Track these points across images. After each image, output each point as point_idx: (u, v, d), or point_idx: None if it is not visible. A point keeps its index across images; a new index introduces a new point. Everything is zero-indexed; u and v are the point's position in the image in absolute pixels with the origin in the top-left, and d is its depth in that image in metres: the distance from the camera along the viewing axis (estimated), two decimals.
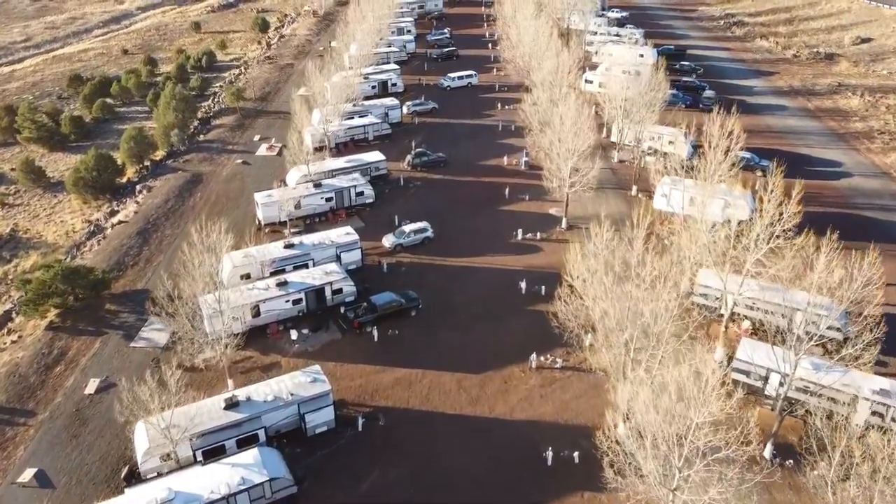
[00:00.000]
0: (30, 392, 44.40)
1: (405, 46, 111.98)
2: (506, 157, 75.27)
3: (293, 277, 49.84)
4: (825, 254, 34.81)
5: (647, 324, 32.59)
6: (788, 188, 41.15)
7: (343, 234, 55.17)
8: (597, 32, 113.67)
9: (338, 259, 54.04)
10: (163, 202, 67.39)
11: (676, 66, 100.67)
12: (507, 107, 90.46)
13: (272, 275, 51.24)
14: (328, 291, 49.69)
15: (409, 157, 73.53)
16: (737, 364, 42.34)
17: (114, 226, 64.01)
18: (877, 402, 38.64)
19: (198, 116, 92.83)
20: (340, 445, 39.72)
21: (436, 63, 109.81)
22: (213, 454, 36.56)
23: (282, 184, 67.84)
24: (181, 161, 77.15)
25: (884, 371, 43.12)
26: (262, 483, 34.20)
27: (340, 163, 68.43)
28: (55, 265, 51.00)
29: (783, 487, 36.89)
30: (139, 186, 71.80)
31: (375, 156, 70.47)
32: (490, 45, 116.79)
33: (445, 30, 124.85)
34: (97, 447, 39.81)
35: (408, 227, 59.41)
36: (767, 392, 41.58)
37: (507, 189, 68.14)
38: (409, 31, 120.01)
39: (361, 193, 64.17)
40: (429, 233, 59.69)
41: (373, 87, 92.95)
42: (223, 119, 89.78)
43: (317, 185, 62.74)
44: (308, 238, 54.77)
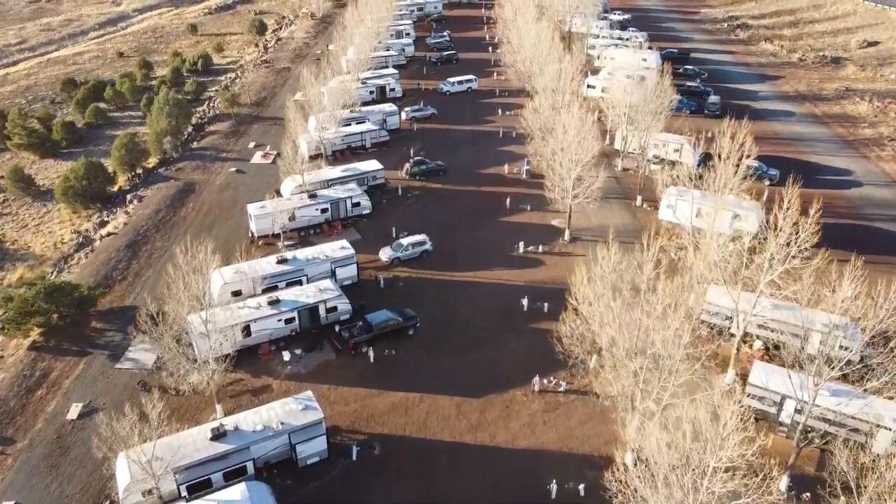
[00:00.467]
0: (9, 417, 42.43)
1: (404, 50, 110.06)
2: (506, 166, 73.33)
3: (286, 295, 47.88)
4: (849, 280, 32.81)
5: (658, 353, 30.63)
6: (802, 202, 39.07)
7: (338, 249, 53.20)
8: (599, 35, 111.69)
9: (333, 275, 52.08)
10: (153, 213, 65.42)
11: (680, 71, 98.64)
12: (508, 112, 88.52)
13: (264, 291, 49.28)
14: (322, 310, 47.72)
15: (408, 166, 71.58)
16: (750, 389, 40.36)
17: (102, 238, 62.04)
18: None
19: (192, 122, 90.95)
20: (333, 477, 37.74)
21: (435, 67, 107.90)
22: (199, 489, 34.60)
23: (276, 194, 65.89)
24: (174, 169, 75.19)
25: None
26: None
27: (336, 172, 66.48)
28: (38, 283, 49.02)
29: None
30: (130, 196, 69.82)
31: (373, 164, 68.51)
32: (490, 49, 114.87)
33: (445, 33, 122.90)
34: (78, 478, 37.84)
35: (405, 240, 57.45)
36: (782, 419, 39.62)
37: (508, 199, 66.17)
38: (408, 35, 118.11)
39: (358, 204, 62.21)
40: (427, 246, 57.74)
41: (370, 93, 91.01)
42: (218, 125, 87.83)
43: (312, 196, 60.77)
44: (302, 253, 52.79)
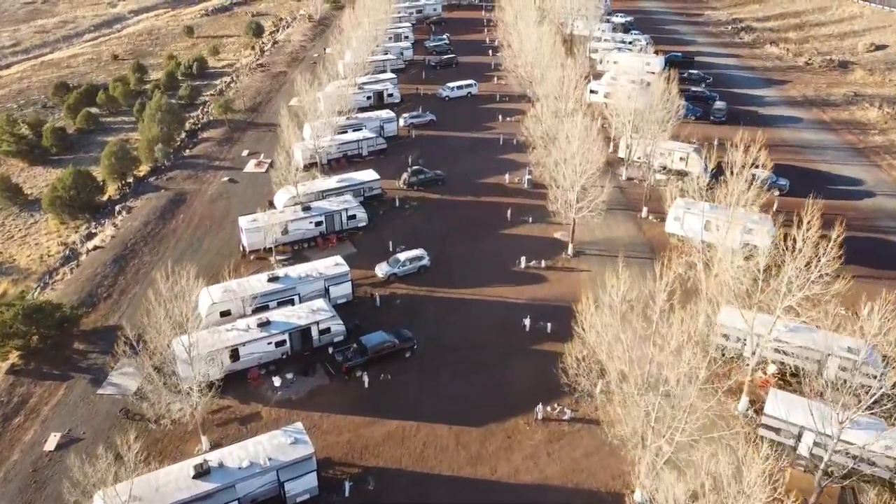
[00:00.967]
0: None
1: (402, 53, 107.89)
2: (507, 175, 71.13)
3: (276, 316, 45.67)
4: (878, 314, 30.62)
5: (672, 392, 28.48)
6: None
7: (332, 265, 50.99)
8: (601, 39, 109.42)
9: (326, 293, 49.91)
10: (142, 225, 63.22)
11: (684, 75, 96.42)
12: (509, 118, 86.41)
13: (254, 311, 47.12)
14: (315, 331, 45.54)
15: (406, 176, 69.39)
16: (765, 420, 38.21)
17: (89, 251, 59.86)
18: None
19: (185, 128, 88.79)
20: None
21: (434, 71, 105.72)
22: None
23: (269, 205, 63.71)
24: (165, 178, 72.98)
25: None
26: None
27: (332, 183, 64.28)
28: (17, 303, 46.82)
29: None
30: (118, 207, 67.61)
31: (369, 174, 66.32)
32: (490, 52, 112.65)
33: (444, 35, 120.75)
34: None
35: (402, 255, 55.26)
36: (800, 451, 37.47)
37: (510, 210, 63.98)
38: (407, 38, 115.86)
39: (354, 217, 60.03)
40: (425, 261, 55.56)
41: (368, 98, 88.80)
42: (211, 132, 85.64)
43: (305, 209, 58.57)
44: (294, 270, 50.60)
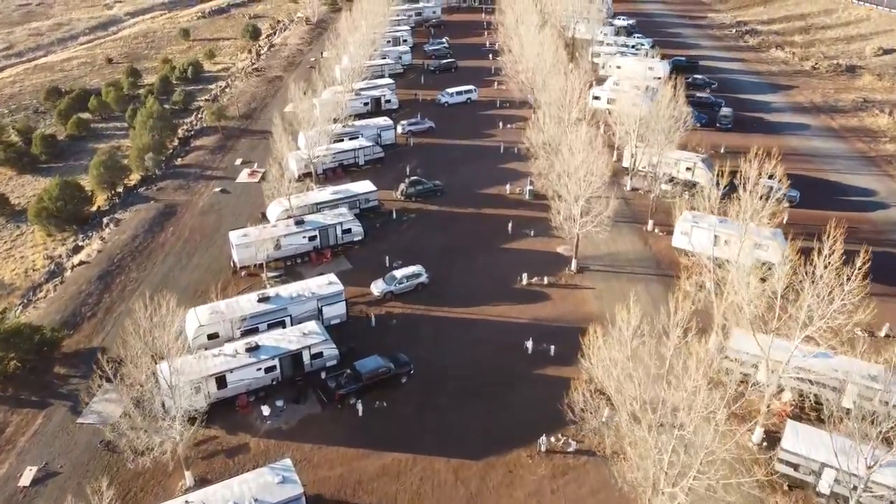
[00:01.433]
0: None
1: (401, 58, 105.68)
2: (508, 185, 68.92)
3: (266, 340, 43.47)
4: None
5: (688, 436, 26.31)
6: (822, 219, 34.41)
7: (325, 284, 48.77)
8: (604, 42, 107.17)
9: (319, 313, 47.73)
10: (130, 239, 61.02)
11: (689, 80, 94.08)
12: (510, 125, 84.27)
13: (243, 334, 44.94)
14: (306, 356, 43.35)
15: (403, 186, 67.19)
16: (783, 455, 36.03)
17: (74, 267, 57.67)
18: None
19: (178, 135, 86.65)
20: None
21: (433, 76, 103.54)
22: None
23: (262, 218, 61.55)
24: (155, 189, 70.78)
25: None
26: None
27: (326, 195, 62.08)
28: None
29: None
30: (106, 219, 65.39)
31: (365, 186, 64.12)
32: (491, 56, 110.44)
33: (443, 39, 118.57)
34: None
35: (399, 273, 53.05)
36: (821, 489, 35.30)
37: (511, 223, 61.76)
38: (406, 41, 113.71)
39: (349, 231, 57.83)
40: (423, 278, 53.38)
41: (365, 104, 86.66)
42: (204, 139, 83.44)
43: (298, 223, 56.38)
44: (285, 290, 48.38)
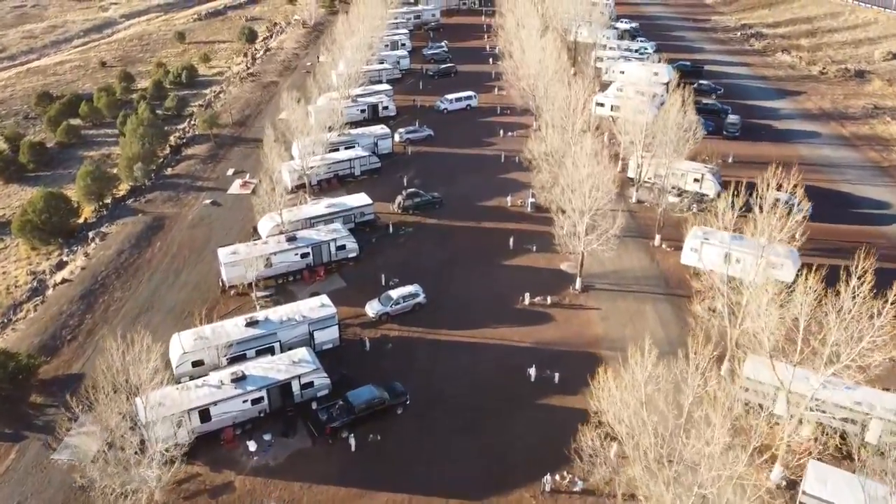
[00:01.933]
0: None
1: (399, 62, 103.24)
2: (509, 197, 66.48)
3: (253, 369, 41.00)
4: None
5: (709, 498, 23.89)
6: (835, 233, 31.91)
7: (317, 307, 46.32)
8: (606, 46, 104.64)
9: (311, 338, 45.29)
10: (115, 255, 58.58)
11: (694, 86, 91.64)
12: (510, 133, 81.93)
13: (230, 362, 42.51)
14: (296, 386, 40.92)
15: (400, 199, 64.73)
16: (804, 499, 33.58)
17: (56, 285, 55.24)
18: None
19: (170, 143, 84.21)
20: None
21: (432, 81, 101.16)
22: None
23: (254, 233, 59.14)
24: (143, 200, 68.33)
25: None
26: None
27: (320, 208, 59.63)
28: None
29: None
30: (91, 234, 62.95)
31: (361, 199, 61.68)
32: (491, 60, 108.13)
33: (442, 43, 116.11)
34: None
35: (395, 293, 50.60)
36: None
37: (512, 238, 59.30)
38: (404, 45, 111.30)
39: (343, 247, 55.36)
40: (420, 298, 50.92)
41: (362, 111, 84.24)
42: (195, 148, 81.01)
43: (290, 239, 53.96)
44: (275, 313, 45.92)
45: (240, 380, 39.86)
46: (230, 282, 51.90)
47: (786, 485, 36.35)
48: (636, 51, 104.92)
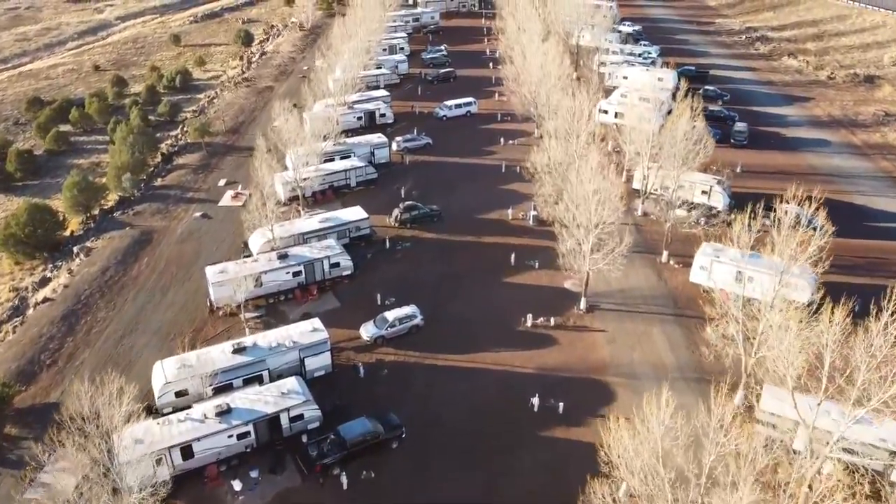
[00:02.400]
0: None
1: (397, 67, 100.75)
2: (510, 210, 64.09)
3: (239, 401, 38.62)
4: None
5: None
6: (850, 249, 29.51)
7: (308, 331, 43.93)
8: (609, 50, 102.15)
9: (301, 365, 42.95)
10: (100, 272, 56.18)
11: (699, 91, 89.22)
12: (511, 141, 79.53)
13: (215, 392, 40.14)
14: (284, 419, 38.56)
15: (397, 212, 62.33)
16: None
17: (37, 304, 52.87)
18: None
19: (161, 151, 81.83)
20: None
21: (431, 86, 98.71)
22: None
23: (244, 248, 56.79)
24: (131, 213, 65.93)
25: None
26: None
27: (314, 223, 57.25)
28: None
29: None
30: (76, 248, 60.54)
31: (356, 213, 59.30)
32: (491, 64, 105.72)
33: (442, 47, 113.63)
34: None
35: (391, 315, 48.21)
36: None
37: (513, 254, 56.93)
38: (402, 49, 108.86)
39: (337, 265, 52.99)
40: (417, 319, 48.55)
41: (358, 119, 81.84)
42: (187, 157, 78.60)
43: (281, 257, 51.61)
44: (263, 338, 43.54)
45: (225, 413, 37.50)
46: (218, 302, 49.51)
47: None
48: (639, 55, 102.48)
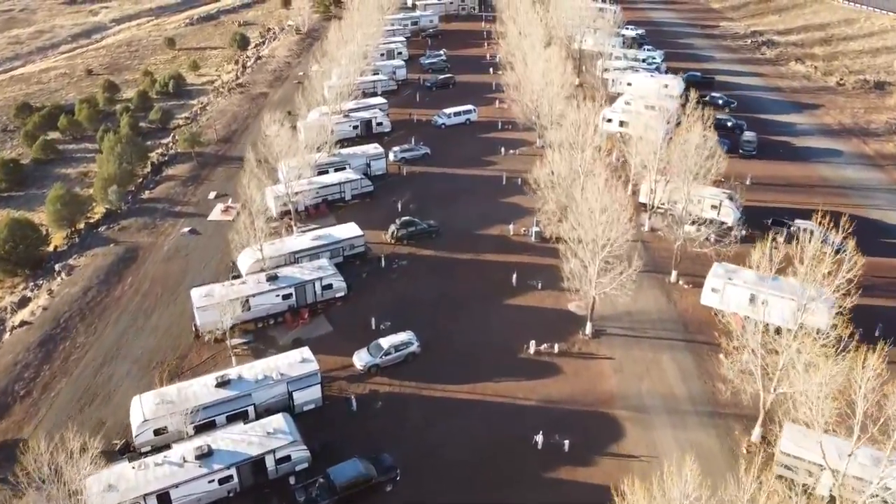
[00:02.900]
0: None
1: (395, 73, 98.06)
2: (512, 225, 61.45)
3: (222, 441, 35.97)
4: None
5: None
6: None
7: (297, 362, 41.25)
8: (612, 55, 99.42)
9: (290, 399, 40.36)
10: (81, 292, 53.53)
11: (705, 98, 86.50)
12: (512, 151, 76.95)
13: (197, 430, 37.53)
14: (270, 461, 35.96)
15: (394, 228, 59.70)
16: None
17: (13, 328, 50.24)
18: None
19: (151, 160, 79.16)
20: None
21: (429, 92, 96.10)
22: None
23: (233, 268, 54.16)
24: (117, 228, 63.27)
25: None
26: None
27: (305, 241, 54.58)
28: None
29: None
30: (58, 267, 57.90)
31: (351, 230, 56.62)
32: (491, 70, 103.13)
33: (441, 51, 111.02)
34: None
35: (386, 341, 45.57)
36: None
37: (515, 274, 54.26)
38: (400, 54, 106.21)
39: (330, 287, 50.36)
40: (413, 346, 45.91)
41: (354, 128, 79.19)
42: (177, 167, 75.94)
43: (271, 279, 48.98)
44: (249, 370, 40.88)
45: (205, 456, 34.87)
46: (204, 328, 46.82)
47: None
48: (644, 60, 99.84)
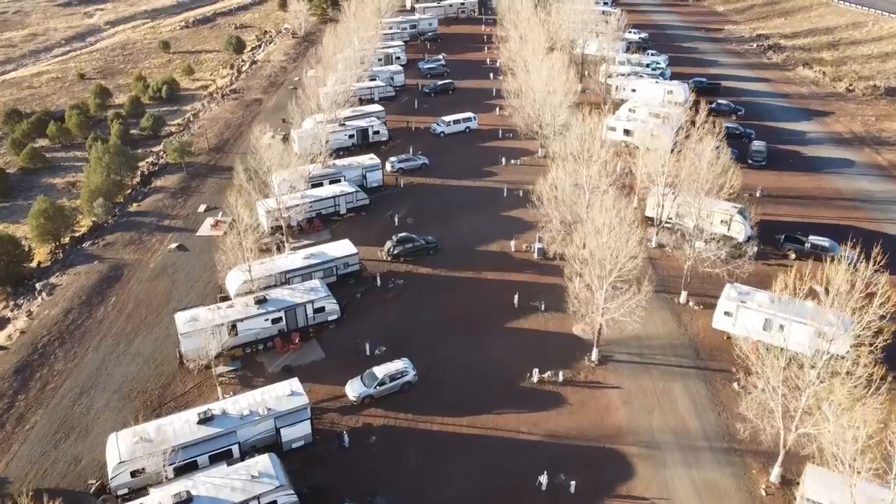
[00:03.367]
0: None
1: (392, 78, 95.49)
2: (513, 241, 58.91)
3: (201, 487, 33.32)
4: None
5: None
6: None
7: (285, 396, 38.70)
8: (615, 61, 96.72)
9: (277, 435, 37.84)
10: (62, 314, 50.99)
11: (712, 105, 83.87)
12: (514, 161, 74.41)
13: (177, 472, 35.01)
14: None
15: (390, 245, 57.17)
16: None
17: None
18: None
19: (140, 170, 76.57)
20: None
21: (428, 98, 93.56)
22: None
23: (220, 292, 51.58)
24: (102, 244, 60.71)
25: None
26: None
27: (297, 260, 52.03)
28: None
29: None
30: (39, 286, 55.40)
31: (345, 248, 54.10)
32: (492, 75, 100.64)
33: (440, 56, 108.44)
34: None
35: (380, 370, 43.02)
36: None
37: (517, 295, 51.68)
38: (398, 59, 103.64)
39: (322, 310, 47.83)
40: (410, 375, 43.36)
41: (350, 137, 76.64)
42: (166, 178, 73.38)
43: (260, 302, 46.46)
44: (234, 404, 38.32)
45: (184, 503, 32.35)
46: (188, 355, 44.23)
47: None
48: (648, 65, 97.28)
